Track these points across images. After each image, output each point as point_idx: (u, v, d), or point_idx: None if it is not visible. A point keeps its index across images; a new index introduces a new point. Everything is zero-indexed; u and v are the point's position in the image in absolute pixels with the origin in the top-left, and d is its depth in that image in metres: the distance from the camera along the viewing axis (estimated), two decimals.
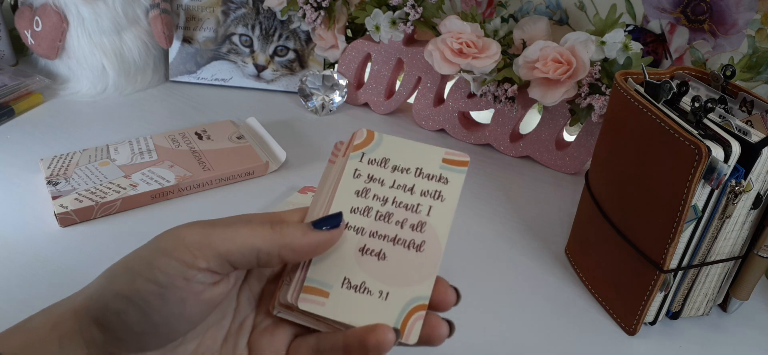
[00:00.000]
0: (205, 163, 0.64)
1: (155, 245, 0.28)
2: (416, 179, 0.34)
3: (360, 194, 0.33)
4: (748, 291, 0.49)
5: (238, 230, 0.29)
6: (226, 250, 0.28)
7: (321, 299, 0.31)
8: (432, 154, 0.34)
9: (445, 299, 0.32)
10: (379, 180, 0.34)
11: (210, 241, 0.28)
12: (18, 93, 0.75)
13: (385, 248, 0.32)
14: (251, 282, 0.33)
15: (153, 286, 0.27)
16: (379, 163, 0.34)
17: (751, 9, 0.62)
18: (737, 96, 0.47)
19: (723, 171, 0.40)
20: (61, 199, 0.57)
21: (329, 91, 0.80)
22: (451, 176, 0.34)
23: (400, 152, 0.35)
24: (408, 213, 0.33)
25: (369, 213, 0.33)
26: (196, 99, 0.81)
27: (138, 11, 0.78)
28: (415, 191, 0.34)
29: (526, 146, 0.73)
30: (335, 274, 0.32)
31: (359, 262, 0.32)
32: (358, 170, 0.34)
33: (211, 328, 0.31)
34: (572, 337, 0.49)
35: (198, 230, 0.29)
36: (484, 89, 0.69)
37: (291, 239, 0.29)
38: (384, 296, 0.31)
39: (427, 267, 0.32)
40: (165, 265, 0.27)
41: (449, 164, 0.34)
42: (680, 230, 0.42)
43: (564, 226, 0.61)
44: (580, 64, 0.63)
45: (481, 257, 0.56)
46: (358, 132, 0.35)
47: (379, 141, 0.35)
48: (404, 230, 0.33)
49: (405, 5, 0.72)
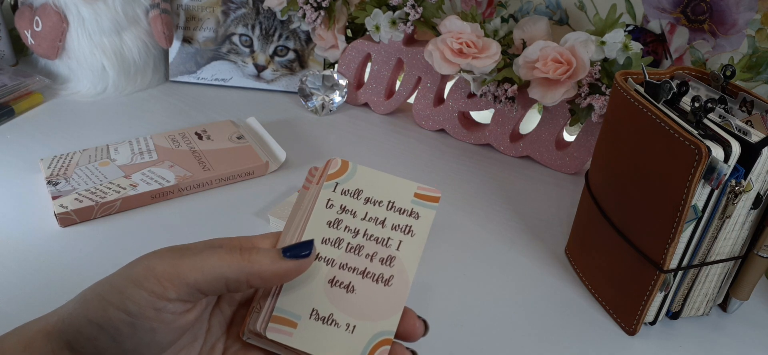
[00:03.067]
0: (205, 163, 0.64)
1: (126, 273, 0.29)
2: (388, 212, 0.34)
3: (332, 224, 0.34)
4: (748, 291, 0.49)
5: (206, 259, 0.29)
6: (194, 279, 0.28)
7: (289, 328, 0.31)
8: (404, 188, 0.35)
9: (413, 330, 0.32)
10: (352, 211, 0.34)
11: (179, 271, 0.28)
12: (18, 93, 0.75)
13: (354, 280, 0.32)
14: (222, 306, 0.34)
15: (124, 315, 0.27)
16: (352, 194, 0.35)
17: (751, 9, 0.62)
18: (737, 96, 0.47)
19: (723, 171, 0.40)
20: (61, 199, 0.57)
21: (329, 91, 0.80)
22: (422, 211, 0.34)
23: (373, 184, 0.35)
24: (378, 246, 0.33)
25: (340, 245, 0.33)
26: (196, 99, 0.81)
27: (138, 11, 0.78)
28: (387, 224, 0.34)
29: (526, 146, 0.73)
30: (304, 304, 0.32)
31: (328, 294, 0.32)
32: (330, 200, 0.34)
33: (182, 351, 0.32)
34: (572, 337, 0.49)
35: (167, 259, 0.29)
36: (484, 89, 0.69)
37: (259, 266, 0.30)
38: (351, 329, 0.31)
39: (394, 302, 0.32)
40: (136, 295, 0.28)
41: (421, 199, 0.35)
42: (680, 230, 0.42)
43: (564, 226, 0.61)
44: (580, 64, 0.63)
45: (482, 257, 0.56)
46: (333, 161, 0.35)
47: (353, 171, 0.35)
48: (374, 264, 0.33)
49: (405, 5, 0.72)
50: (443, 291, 0.52)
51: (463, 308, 0.51)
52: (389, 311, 0.32)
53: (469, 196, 0.65)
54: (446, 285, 0.53)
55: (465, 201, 0.64)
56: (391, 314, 0.32)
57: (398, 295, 0.32)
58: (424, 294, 0.52)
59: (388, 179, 0.35)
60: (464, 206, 0.64)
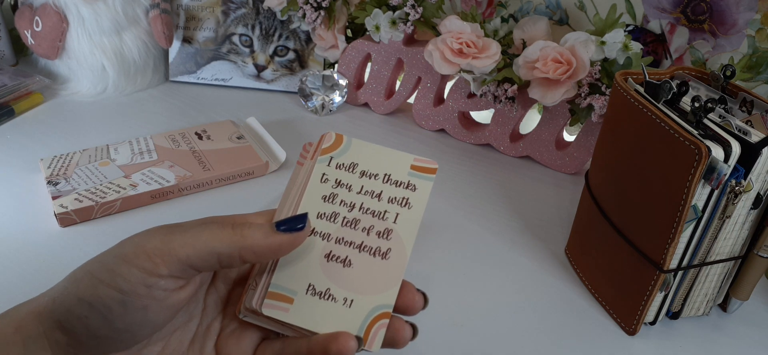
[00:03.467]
0: (205, 163, 0.64)
1: (117, 251, 0.28)
2: (384, 185, 0.34)
3: (327, 199, 0.33)
4: (748, 291, 0.49)
5: (198, 234, 0.29)
6: (186, 255, 0.28)
7: (285, 304, 0.31)
8: (401, 161, 0.34)
9: (412, 304, 0.32)
10: (347, 185, 0.34)
11: (170, 247, 0.28)
12: (18, 93, 0.75)
13: (350, 254, 0.32)
14: (218, 285, 0.33)
15: (114, 293, 0.27)
16: (347, 167, 0.34)
17: (751, 9, 0.62)
18: (737, 96, 0.47)
19: (723, 171, 0.40)
20: (61, 199, 0.57)
21: (329, 91, 0.80)
22: (419, 183, 0.34)
23: (368, 157, 0.34)
24: (375, 220, 0.33)
25: (336, 219, 0.33)
26: (196, 99, 0.81)
27: (138, 11, 0.78)
28: (383, 197, 0.33)
29: (526, 146, 0.73)
30: (300, 280, 0.31)
31: (324, 268, 0.32)
32: (325, 175, 0.34)
33: (177, 330, 0.31)
34: (572, 337, 0.49)
35: (158, 236, 0.28)
36: (484, 89, 0.69)
37: (252, 241, 0.29)
38: (348, 304, 0.31)
39: (392, 275, 0.32)
40: (126, 272, 0.27)
41: (417, 171, 0.34)
42: (680, 230, 0.42)
43: (564, 226, 0.61)
44: (580, 64, 0.63)
45: (481, 257, 0.56)
46: (327, 135, 0.35)
47: (347, 145, 0.35)
48: (370, 237, 0.32)
49: (405, 5, 0.72)
50: (443, 291, 0.52)
51: (463, 308, 0.51)
52: (387, 284, 0.31)
53: (469, 196, 0.65)
54: (446, 285, 0.53)
55: (465, 201, 0.64)
56: (389, 288, 0.31)
57: (396, 268, 0.32)
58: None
59: (383, 152, 0.35)
60: (464, 206, 0.64)
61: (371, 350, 0.30)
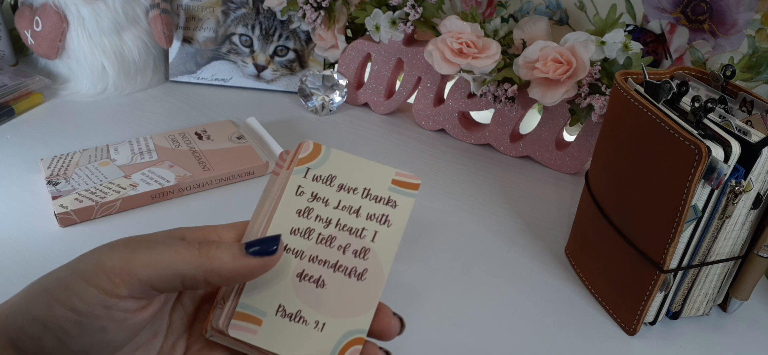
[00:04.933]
0: (205, 163, 0.64)
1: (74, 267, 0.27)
2: (363, 200, 0.32)
3: (302, 213, 0.31)
4: (748, 291, 0.49)
5: (161, 254, 0.27)
6: (147, 276, 0.26)
7: (253, 326, 0.29)
8: (382, 174, 0.32)
9: (387, 328, 0.30)
10: (324, 199, 0.32)
11: (131, 266, 0.26)
12: (18, 93, 0.75)
13: (324, 274, 0.30)
14: (184, 301, 0.32)
15: (70, 313, 0.25)
16: (324, 180, 0.32)
17: (751, 9, 0.62)
18: (737, 96, 0.47)
19: (723, 171, 0.40)
20: (61, 199, 0.57)
21: (329, 91, 0.80)
22: (400, 200, 0.32)
23: (348, 170, 0.32)
24: (352, 238, 0.31)
25: (310, 235, 0.31)
26: (196, 99, 0.81)
27: (138, 11, 0.78)
28: (361, 213, 0.32)
29: (526, 146, 0.73)
30: (270, 300, 0.30)
31: (296, 288, 0.30)
32: (301, 187, 0.32)
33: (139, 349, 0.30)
34: (572, 337, 0.49)
35: (119, 254, 0.27)
36: (484, 89, 0.69)
37: (219, 263, 0.27)
38: (320, 327, 0.29)
39: (367, 298, 0.30)
40: (83, 292, 0.26)
41: (399, 186, 0.32)
42: (680, 230, 0.42)
43: (564, 226, 0.61)
44: (580, 64, 0.63)
45: (481, 257, 0.56)
46: (304, 144, 0.33)
47: (326, 156, 0.33)
48: (346, 256, 0.31)
49: (405, 5, 0.72)
50: (442, 291, 0.52)
51: (463, 308, 0.51)
52: (362, 307, 0.30)
53: (469, 196, 0.65)
54: (446, 285, 0.53)
55: (465, 201, 0.64)
56: (363, 312, 0.30)
57: (372, 290, 0.30)
58: (423, 294, 0.52)
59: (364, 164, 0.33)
60: (464, 206, 0.64)
61: None
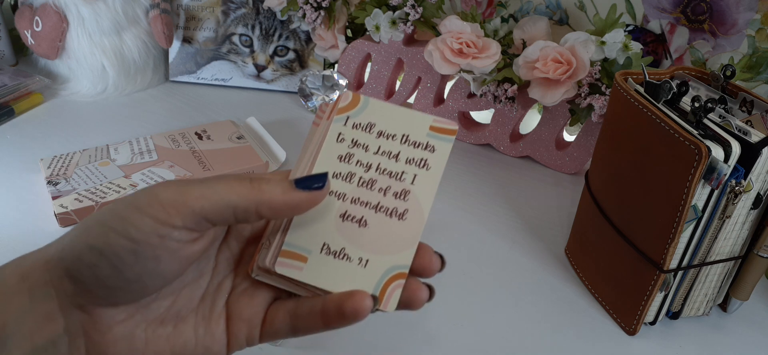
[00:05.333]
0: (205, 163, 0.64)
1: (130, 200, 0.27)
2: (402, 146, 0.33)
3: (343, 158, 0.32)
4: (748, 291, 0.49)
5: (214, 187, 0.28)
6: (200, 207, 0.27)
7: (299, 263, 0.30)
8: (419, 121, 0.33)
9: (429, 266, 0.31)
10: (364, 145, 0.33)
11: (185, 198, 0.27)
12: (18, 93, 0.75)
13: (366, 215, 0.31)
14: (230, 242, 0.32)
15: (126, 241, 0.26)
16: (364, 127, 0.33)
17: (751, 9, 0.62)
18: (737, 96, 0.47)
19: (723, 171, 0.40)
20: (61, 199, 0.57)
21: (329, 91, 0.80)
22: (437, 144, 0.33)
23: (386, 118, 0.33)
24: (392, 181, 0.32)
25: (352, 179, 0.32)
26: (196, 99, 0.81)
27: (138, 11, 0.78)
28: (400, 158, 0.33)
29: (526, 146, 0.73)
30: (314, 239, 0.31)
31: (339, 228, 0.31)
32: (341, 134, 0.33)
33: (187, 286, 0.31)
34: (572, 337, 0.49)
35: (173, 188, 0.28)
36: (484, 89, 0.69)
37: (270, 195, 0.28)
38: (363, 263, 0.31)
39: (408, 236, 0.31)
40: (139, 221, 0.26)
41: (436, 132, 0.33)
42: (680, 230, 0.42)
43: (564, 226, 0.61)
44: (580, 64, 0.63)
45: (482, 257, 0.56)
46: (344, 95, 0.34)
47: (365, 105, 0.34)
48: (387, 198, 0.32)
49: (405, 5, 0.72)
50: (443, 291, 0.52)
51: (463, 308, 0.51)
52: (403, 245, 0.31)
53: (469, 196, 0.65)
54: (446, 285, 0.53)
55: (465, 201, 0.64)
56: (405, 249, 0.31)
57: (413, 229, 0.31)
58: None
59: (402, 112, 0.34)
60: (464, 206, 0.64)
61: (386, 311, 0.30)
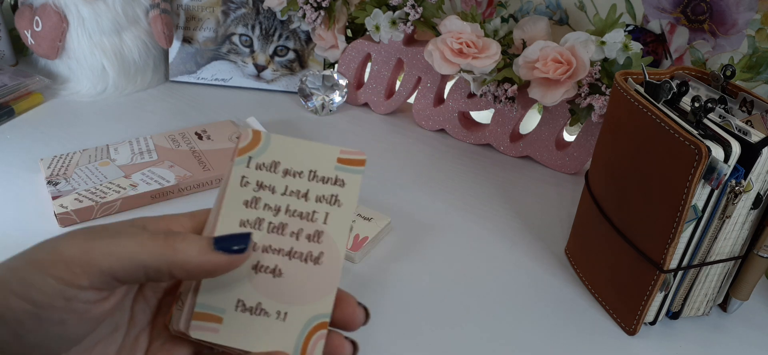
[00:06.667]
0: (205, 163, 0.64)
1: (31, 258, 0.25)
2: (310, 183, 0.31)
3: (249, 204, 0.30)
4: (748, 291, 0.49)
5: (123, 243, 0.26)
6: (109, 266, 0.25)
7: (214, 324, 0.29)
8: (326, 154, 0.32)
9: (352, 318, 0.30)
10: (270, 187, 0.31)
11: (91, 256, 0.25)
12: (18, 93, 0.75)
13: (280, 263, 0.30)
14: (147, 293, 0.30)
15: (27, 305, 0.24)
16: (268, 167, 0.31)
17: (751, 9, 0.62)
18: (737, 96, 0.47)
19: (723, 171, 0.40)
20: (61, 199, 0.57)
21: (329, 91, 0.80)
22: (347, 177, 0.31)
23: (290, 154, 0.32)
24: (303, 222, 0.30)
25: (261, 225, 0.30)
26: (196, 99, 0.81)
27: (138, 11, 0.78)
28: (310, 196, 0.31)
29: (526, 146, 0.73)
30: (228, 296, 0.29)
31: (253, 281, 0.29)
32: (245, 177, 0.31)
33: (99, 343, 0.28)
34: (572, 337, 0.49)
35: (79, 243, 0.25)
36: (484, 89, 0.69)
37: (184, 256, 0.26)
38: (282, 317, 0.29)
39: (326, 281, 0.29)
40: (40, 282, 0.24)
41: (345, 164, 0.32)
42: (680, 230, 0.42)
43: (564, 226, 0.61)
44: (580, 64, 0.63)
45: (482, 258, 0.56)
46: (244, 133, 0.32)
47: (267, 142, 0.32)
48: (300, 242, 0.30)
49: (405, 5, 0.72)
50: (443, 291, 0.52)
51: (463, 308, 0.51)
52: (322, 291, 0.29)
53: (469, 196, 0.65)
54: (446, 285, 0.53)
55: (465, 201, 0.64)
56: (324, 295, 0.29)
57: (331, 273, 0.30)
58: (423, 294, 0.52)
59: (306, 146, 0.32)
60: (464, 206, 0.64)
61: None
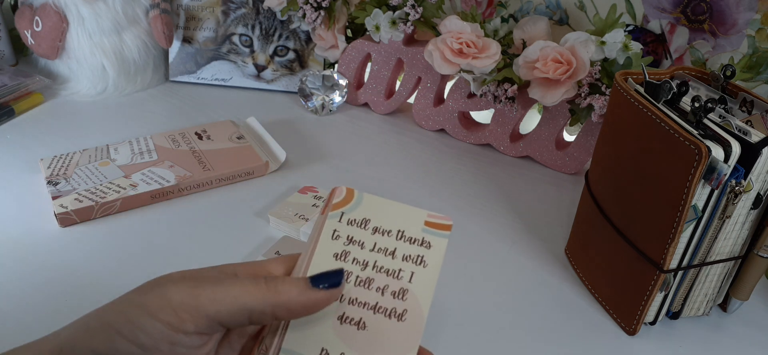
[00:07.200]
0: (205, 163, 0.64)
1: (138, 300, 0.26)
2: (398, 242, 0.32)
3: (339, 256, 0.32)
4: (748, 291, 0.49)
5: (228, 290, 0.27)
6: (215, 311, 0.26)
7: None
8: (414, 217, 0.33)
9: None
10: (359, 242, 0.32)
11: (198, 303, 0.26)
12: (18, 93, 0.75)
13: (365, 316, 0.30)
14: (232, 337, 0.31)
15: (135, 348, 0.25)
16: (358, 224, 0.33)
17: (751, 9, 0.62)
18: (737, 96, 0.47)
19: (723, 171, 0.40)
20: (61, 199, 0.57)
21: (329, 91, 0.80)
22: (433, 240, 0.32)
23: (380, 213, 0.33)
24: (389, 279, 0.31)
25: (348, 278, 0.31)
26: (196, 99, 0.81)
27: (138, 11, 0.78)
28: (397, 255, 0.32)
29: (526, 146, 0.73)
30: (313, 344, 0.30)
31: (338, 331, 0.30)
32: (337, 231, 0.32)
33: None
34: (572, 337, 0.49)
35: (186, 290, 0.26)
36: (484, 89, 0.69)
37: (287, 297, 0.28)
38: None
39: (409, 338, 0.30)
40: (150, 326, 0.25)
41: (432, 228, 0.33)
42: (680, 230, 0.42)
43: (564, 226, 0.61)
44: (580, 64, 0.63)
45: (482, 257, 0.56)
46: (338, 190, 0.33)
47: (359, 200, 0.33)
48: (385, 297, 0.31)
49: (405, 5, 0.72)
50: (443, 291, 0.52)
51: (463, 308, 0.51)
52: (404, 347, 0.30)
53: (469, 196, 0.65)
54: (446, 285, 0.53)
55: (465, 201, 0.64)
56: (406, 352, 0.30)
57: (413, 330, 0.30)
58: None
59: (396, 207, 0.33)
60: (464, 206, 0.64)
61: None
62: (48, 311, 0.46)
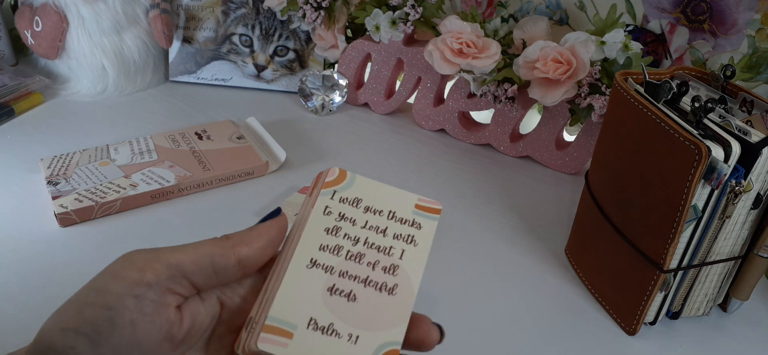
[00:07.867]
0: (205, 163, 0.64)
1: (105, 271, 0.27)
2: (389, 221, 0.33)
3: (330, 231, 0.32)
4: (748, 291, 0.49)
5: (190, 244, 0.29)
6: (177, 260, 0.27)
7: (284, 339, 0.29)
8: (405, 199, 0.34)
9: (427, 338, 0.31)
10: (351, 219, 0.33)
11: (159, 255, 0.27)
12: (18, 93, 0.75)
13: (355, 289, 0.31)
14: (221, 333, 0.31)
15: (102, 310, 0.26)
16: (351, 202, 0.33)
17: (751, 9, 0.62)
18: (737, 96, 0.47)
19: (723, 171, 0.40)
20: (61, 199, 0.57)
21: (329, 91, 0.80)
22: (423, 222, 0.33)
23: (372, 194, 0.34)
24: (380, 255, 0.32)
25: (339, 252, 0.32)
26: (196, 99, 0.81)
27: (138, 11, 0.78)
28: (388, 233, 0.33)
29: (526, 146, 0.73)
30: (301, 313, 0.30)
31: (327, 302, 0.30)
32: (328, 207, 0.33)
33: None
34: (572, 337, 0.49)
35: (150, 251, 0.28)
36: (484, 89, 0.69)
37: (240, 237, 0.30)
38: (353, 340, 0.29)
39: (399, 311, 0.30)
40: (114, 286, 0.26)
41: (422, 211, 0.34)
42: (680, 230, 0.42)
43: (564, 226, 0.61)
44: (580, 64, 0.63)
45: (481, 257, 0.56)
46: (331, 170, 0.34)
47: (351, 181, 0.34)
48: (376, 272, 0.31)
49: (405, 5, 0.72)
50: (443, 291, 0.52)
51: (463, 308, 0.51)
52: (395, 320, 0.30)
53: (469, 196, 0.65)
54: (446, 285, 0.53)
55: (465, 201, 0.64)
56: (397, 324, 0.30)
57: (403, 304, 0.31)
58: (423, 294, 0.52)
59: (387, 190, 0.34)
60: (464, 206, 0.64)
61: None
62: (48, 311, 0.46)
